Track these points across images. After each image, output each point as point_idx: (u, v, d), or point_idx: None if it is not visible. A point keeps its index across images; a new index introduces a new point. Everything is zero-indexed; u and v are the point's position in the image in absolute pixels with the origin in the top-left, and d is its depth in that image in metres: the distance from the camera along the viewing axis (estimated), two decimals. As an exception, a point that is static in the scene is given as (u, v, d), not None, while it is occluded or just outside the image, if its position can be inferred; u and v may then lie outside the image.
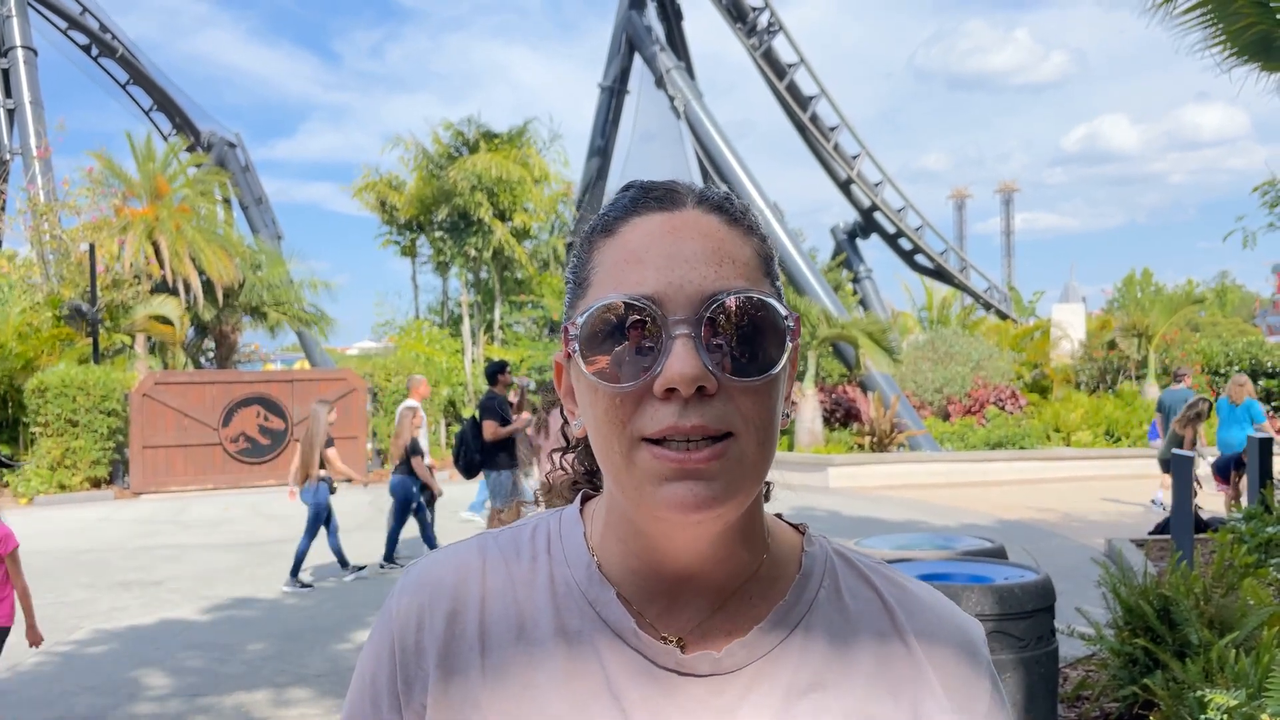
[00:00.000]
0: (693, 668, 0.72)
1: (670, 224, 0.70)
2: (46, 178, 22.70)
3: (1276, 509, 6.23)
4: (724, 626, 0.74)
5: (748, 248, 0.72)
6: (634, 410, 0.67)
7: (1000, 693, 0.78)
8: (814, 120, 24.49)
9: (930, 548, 4.69)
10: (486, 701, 0.73)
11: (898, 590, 0.80)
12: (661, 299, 0.67)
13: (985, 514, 11.64)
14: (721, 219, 0.72)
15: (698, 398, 0.66)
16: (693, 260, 0.68)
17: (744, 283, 0.69)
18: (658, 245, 0.69)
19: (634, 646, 0.73)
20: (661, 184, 0.75)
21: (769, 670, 0.73)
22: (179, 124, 27.33)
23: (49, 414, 14.77)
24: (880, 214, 26.20)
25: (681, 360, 0.65)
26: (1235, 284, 62.34)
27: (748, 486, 0.69)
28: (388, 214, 24.80)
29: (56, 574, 8.83)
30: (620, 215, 0.73)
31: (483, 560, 0.79)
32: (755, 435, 0.68)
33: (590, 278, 0.72)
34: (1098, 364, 21.46)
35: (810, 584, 0.77)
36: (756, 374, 0.67)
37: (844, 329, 16.77)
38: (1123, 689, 4.16)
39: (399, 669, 0.76)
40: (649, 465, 0.67)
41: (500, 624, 0.76)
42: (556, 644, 0.74)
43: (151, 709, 5.12)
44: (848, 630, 0.76)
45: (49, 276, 18.99)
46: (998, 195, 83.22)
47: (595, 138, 24.96)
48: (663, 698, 0.72)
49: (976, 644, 0.79)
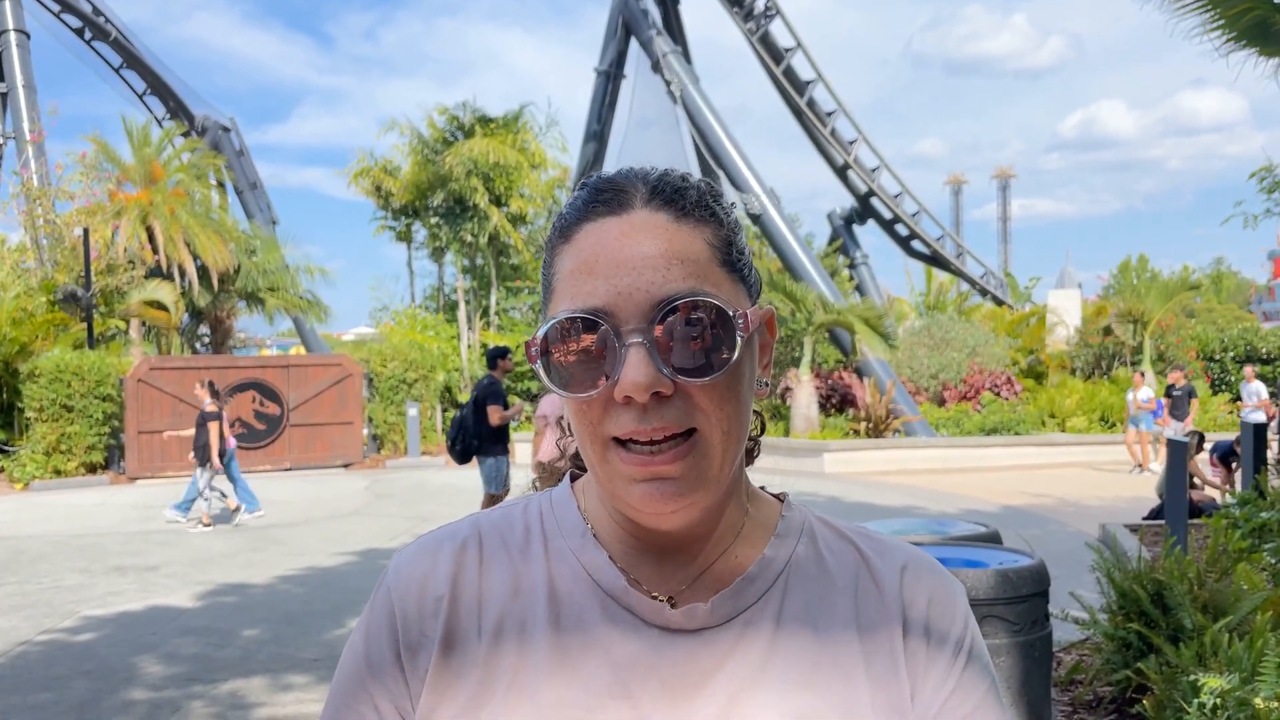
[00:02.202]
0: (682, 623, 0.76)
1: (619, 229, 0.72)
2: (40, 162, 22.57)
3: (1270, 494, 6.24)
4: (711, 584, 0.78)
5: (699, 241, 0.73)
6: (601, 414, 0.71)
7: (978, 644, 0.80)
8: (811, 105, 24.40)
9: (925, 533, 4.70)
10: (484, 662, 0.76)
11: (876, 545, 0.84)
12: (612, 310, 0.69)
13: (980, 499, 11.68)
14: (671, 215, 0.73)
15: (657, 401, 0.69)
16: (640, 267, 0.70)
17: (693, 283, 0.70)
18: (607, 253, 0.71)
19: (625, 605, 0.76)
20: (611, 183, 0.75)
21: (755, 620, 0.77)
22: (173, 108, 27.18)
23: (44, 399, 14.74)
24: (877, 200, 26.14)
25: (635, 369, 0.68)
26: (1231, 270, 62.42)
27: (717, 476, 0.72)
28: (383, 199, 24.71)
29: (52, 559, 8.83)
30: (574, 220, 0.75)
31: (478, 534, 0.82)
32: (719, 429, 0.71)
33: (553, 285, 0.75)
34: (1093, 350, 21.48)
35: (788, 540, 0.81)
36: (710, 373, 0.69)
37: (840, 315, 16.75)
38: (1116, 673, 4.18)
39: (401, 635, 0.78)
40: (620, 467, 0.71)
41: (497, 589, 0.79)
42: (550, 606, 0.77)
43: (147, 694, 5.13)
44: (826, 581, 0.80)
45: (43, 261, 18.92)
46: (994, 181, 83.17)
47: (591, 123, 24.84)
48: (653, 653, 0.75)
49: (954, 595, 0.81)
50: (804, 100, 24.17)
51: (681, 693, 0.73)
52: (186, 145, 24.10)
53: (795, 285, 17.40)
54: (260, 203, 26.68)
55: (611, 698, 0.73)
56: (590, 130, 24.86)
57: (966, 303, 28.51)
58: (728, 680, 0.74)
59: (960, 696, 0.77)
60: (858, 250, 27.35)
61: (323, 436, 16.44)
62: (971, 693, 0.78)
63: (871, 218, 26.93)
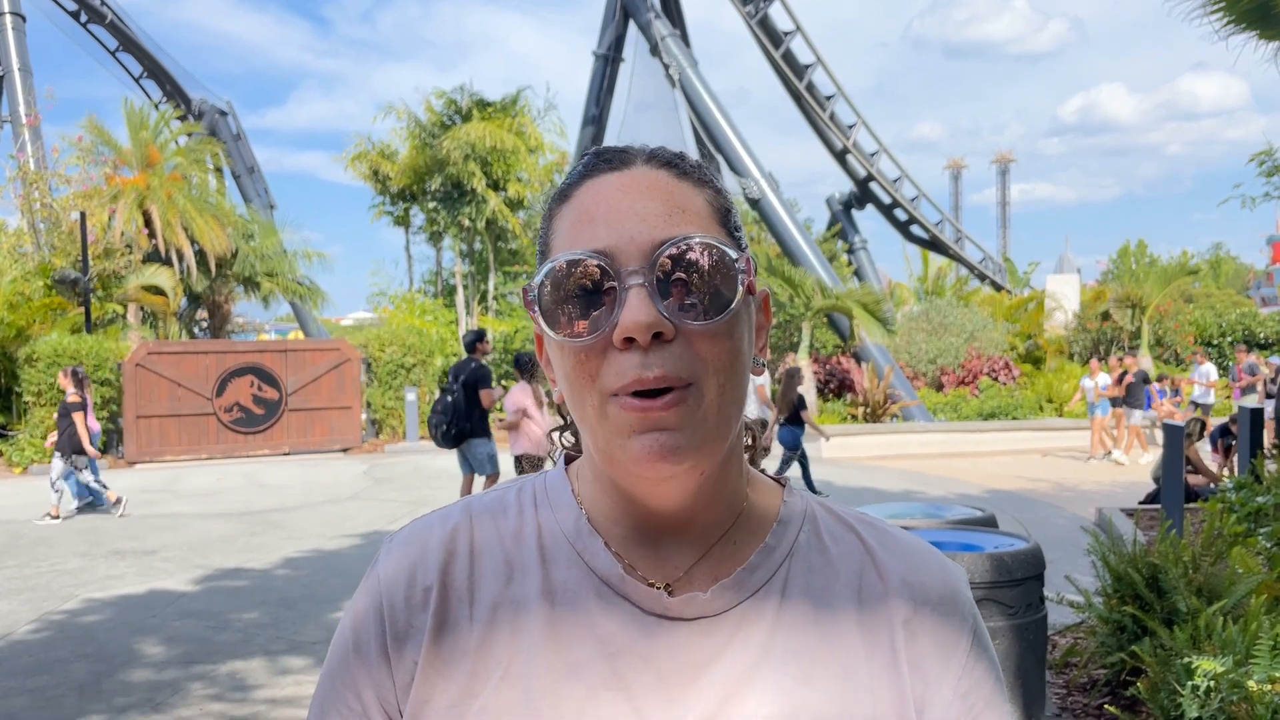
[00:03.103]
0: (679, 611, 0.74)
1: (621, 182, 0.72)
2: (36, 146, 22.50)
3: (1267, 479, 6.26)
4: (709, 573, 0.75)
5: (699, 198, 0.73)
6: (600, 364, 0.69)
7: (982, 636, 0.79)
8: (810, 89, 24.31)
9: (922, 516, 4.72)
10: (476, 651, 0.74)
11: (880, 534, 0.81)
12: (613, 252, 0.68)
13: (977, 484, 11.70)
14: (672, 173, 0.73)
15: (657, 345, 0.67)
16: (643, 213, 0.70)
17: (695, 229, 0.70)
18: (608, 202, 0.71)
19: (621, 593, 0.74)
20: (614, 147, 0.76)
21: (754, 612, 0.74)
22: (169, 92, 27.07)
23: (41, 383, 14.73)
24: (876, 184, 26.07)
25: (635, 309, 0.66)
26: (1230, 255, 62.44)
27: (715, 434, 0.70)
28: (380, 184, 24.63)
29: (51, 543, 8.85)
30: (575, 181, 0.75)
31: (470, 519, 0.80)
32: (716, 380, 0.69)
33: (550, 243, 0.74)
34: (1091, 335, 21.50)
35: (791, 527, 0.79)
36: (712, 316, 0.68)
37: (839, 300, 16.74)
38: (1110, 656, 4.20)
39: (388, 626, 0.76)
40: (619, 418, 0.68)
41: (489, 576, 0.77)
42: (544, 593, 0.75)
43: (146, 676, 5.15)
44: (829, 572, 0.78)
45: (40, 245, 18.88)
46: (994, 166, 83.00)
47: (589, 106, 24.75)
48: (649, 642, 0.73)
49: (958, 588, 0.80)
50: (803, 84, 24.08)
51: (677, 683, 0.72)
52: (183, 129, 24.03)
53: (794, 270, 17.38)
54: (257, 187, 26.63)
55: (606, 688, 0.72)
56: (588, 114, 24.76)
57: (965, 288, 28.51)
58: (725, 671, 0.72)
59: (967, 696, 0.76)
60: (856, 235, 27.31)
61: (321, 421, 16.43)
62: (978, 691, 0.76)
63: (870, 202, 26.88)
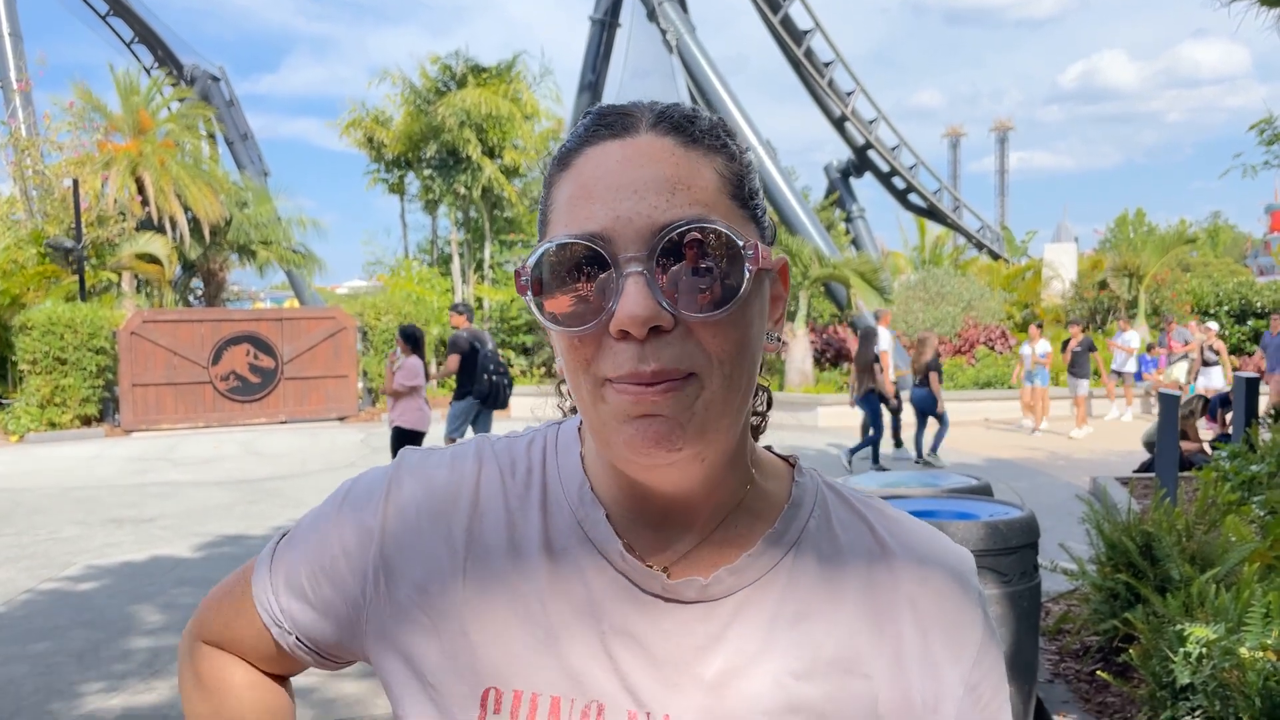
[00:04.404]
0: (678, 593, 0.72)
1: (623, 153, 0.67)
2: (27, 112, 22.30)
3: (1260, 448, 6.28)
4: (711, 556, 0.73)
5: (707, 169, 0.67)
6: (595, 351, 0.65)
7: (991, 627, 0.78)
8: (808, 56, 24.09)
9: (917, 485, 4.72)
10: (469, 610, 0.73)
11: (890, 523, 0.79)
12: (610, 235, 0.64)
13: (973, 452, 11.75)
14: (678, 141, 0.67)
15: (656, 336, 0.63)
16: (643, 191, 0.64)
17: (699, 210, 0.65)
18: (608, 177, 0.66)
19: (619, 569, 0.73)
20: (618, 108, 0.71)
21: (756, 598, 0.72)
22: (161, 57, 26.74)
23: (37, 351, 14.70)
24: (874, 152, 25.91)
25: (633, 301, 0.62)
26: (1228, 224, 62.25)
27: (717, 423, 0.66)
28: (375, 151, 24.41)
29: (48, 510, 8.87)
30: (575, 146, 0.70)
31: (479, 469, 0.79)
32: (720, 372, 0.65)
33: (550, 216, 0.69)
34: (1088, 304, 21.48)
35: (800, 513, 0.76)
36: (715, 307, 0.64)
37: (836, 269, 16.70)
38: (1103, 623, 4.23)
39: (380, 547, 0.76)
40: (614, 401, 0.65)
41: (490, 535, 0.75)
42: (542, 559, 0.74)
43: (145, 643, 5.18)
44: (837, 560, 0.75)
45: (32, 213, 18.76)
46: (993, 134, 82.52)
47: (586, 73, 24.49)
48: (646, 622, 0.71)
49: (968, 577, 0.78)
50: (801, 50, 23.85)
51: (671, 667, 0.70)
52: (175, 94, 23.78)
53: (791, 239, 17.32)
54: (251, 154, 26.38)
55: (601, 668, 0.70)
56: (585, 80, 24.51)
57: (962, 256, 28.44)
58: (723, 660, 0.70)
59: (977, 687, 0.75)
60: (854, 203, 27.17)
61: (317, 389, 16.43)
62: (987, 680, 0.75)
63: (868, 170, 26.72)
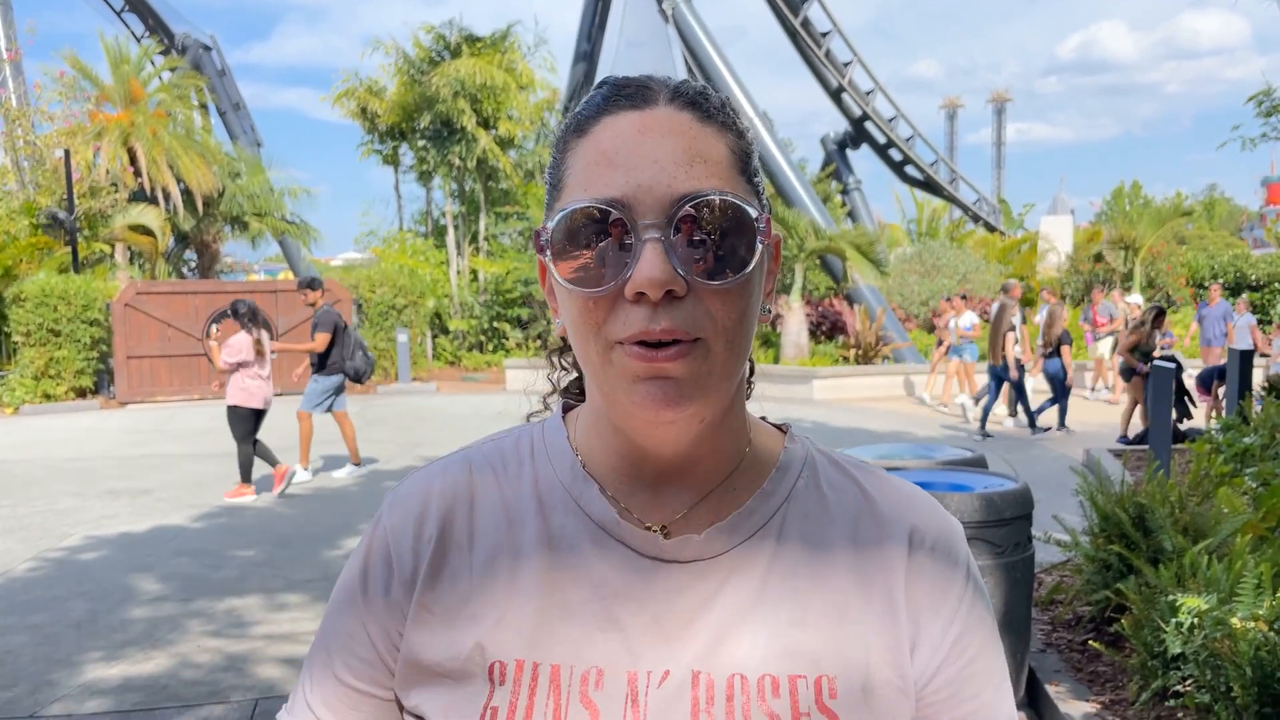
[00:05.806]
0: (674, 554, 0.74)
1: (641, 123, 0.69)
2: (18, 82, 22.11)
3: (1253, 420, 6.31)
4: (707, 516, 0.76)
5: (721, 145, 0.70)
6: (607, 313, 0.68)
7: (979, 586, 0.80)
8: (805, 26, 23.90)
9: (913, 457, 4.75)
10: (476, 599, 0.76)
11: (878, 482, 0.81)
12: (630, 202, 0.66)
13: (967, 425, 11.79)
14: (695, 115, 0.71)
15: (668, 300, 0.66)
16: (663, 161, 0.67)
17: (716, 183, 0.68)
18: (628, 146, 0.68)
19: (617, 537, 0.75)
20: (635, 80, 0.73)
21: (749, 554, 0.75)
22: (152, 26, 26.45)
23: (30, 323, 14.66)
24: (871, 124, 25.78)
25: (650, 264, 0.65)
26: (1224, 197, 62.20)
27: (718, 386, 0.70)
28: (369, 121, 24.19)
29: (45, 482, 8.88)
30: (592, 114, 0.72)
31: (469, 471, 0.81)
32: (724, 338, 0.68)
33: (564, 179, 0.72)
34: (1084, 277, 21.51)
35: (789, 474, 0.79)
36: (727, 276, 0.67)
37: (832, 241, 16.66)
38: (1096, 593, 4.27)
39: (396, 570, 0.78)
40: (624, 364, 0.68)
41: (488, 525, 0.78)
42: (541, 540, 0.76)
43: (145, 612, 5.20)
44: (826, 519, 0.78)
45: (24, 184, 18.63)
46: (990, 105, 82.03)
47: (581, 42, 24.29)
48: (644, 585, 0.74)
49: (955, 536, 0.80)
50: (798, 20, 23.66)
51: (672, 625, 0.73)
52: (166, 64, 23.54)
53: (787, 211, 17.26)
54: (244, 124, 26.17)
55: (601, 631, 0.73)
56: (580, 50, 24.32)
57: (959, 229, 28.40)
58: (719, 613, 0.73)
59: (958, 641, 0.77)
60: (851, 176, 27.09)
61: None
62: (970, 637, 0.77)
63: (865, 142, 26.61)
